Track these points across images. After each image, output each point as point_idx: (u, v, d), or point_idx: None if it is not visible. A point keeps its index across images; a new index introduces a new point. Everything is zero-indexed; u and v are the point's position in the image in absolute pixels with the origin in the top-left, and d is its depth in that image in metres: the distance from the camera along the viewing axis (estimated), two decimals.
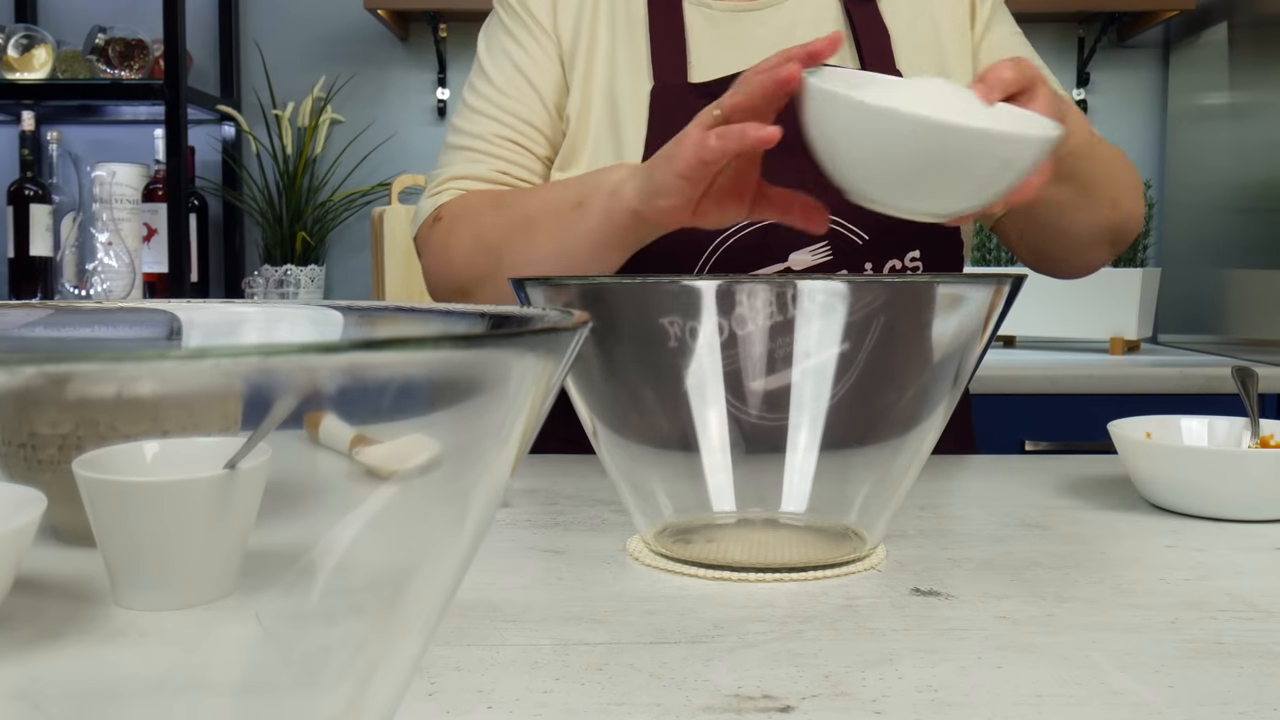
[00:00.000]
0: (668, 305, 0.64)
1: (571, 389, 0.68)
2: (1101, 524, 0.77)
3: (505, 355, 0.28)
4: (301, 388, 0.26)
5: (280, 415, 0.29)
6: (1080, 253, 1.09)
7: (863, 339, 0.66)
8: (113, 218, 2.25)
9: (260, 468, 0.30)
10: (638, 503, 0.69)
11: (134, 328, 0.42)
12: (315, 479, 0.30)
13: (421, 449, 0.31)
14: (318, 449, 0.29)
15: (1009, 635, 0.55)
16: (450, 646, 0.53)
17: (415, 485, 0.30)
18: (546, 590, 0.62)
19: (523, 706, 0.46)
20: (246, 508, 0.31)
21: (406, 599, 0.33)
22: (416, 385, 0.28)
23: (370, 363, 0.26)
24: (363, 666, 0.33)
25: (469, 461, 0.31)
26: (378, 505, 0.31)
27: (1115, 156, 1.04)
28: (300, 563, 0.31)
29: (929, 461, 0.99)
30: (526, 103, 1.07)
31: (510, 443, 0.31)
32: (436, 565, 0.33)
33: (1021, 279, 0.66)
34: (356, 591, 0.32)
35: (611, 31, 1.08)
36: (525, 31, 1.09)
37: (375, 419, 0.28)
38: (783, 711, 0.46)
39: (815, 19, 1.09)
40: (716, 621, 0.57)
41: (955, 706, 0.46)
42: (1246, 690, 0.48)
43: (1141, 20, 2.39)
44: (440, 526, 0.32)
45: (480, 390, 0.29)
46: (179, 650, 0.32)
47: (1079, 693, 0.48)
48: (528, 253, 0.98)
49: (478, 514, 0.32)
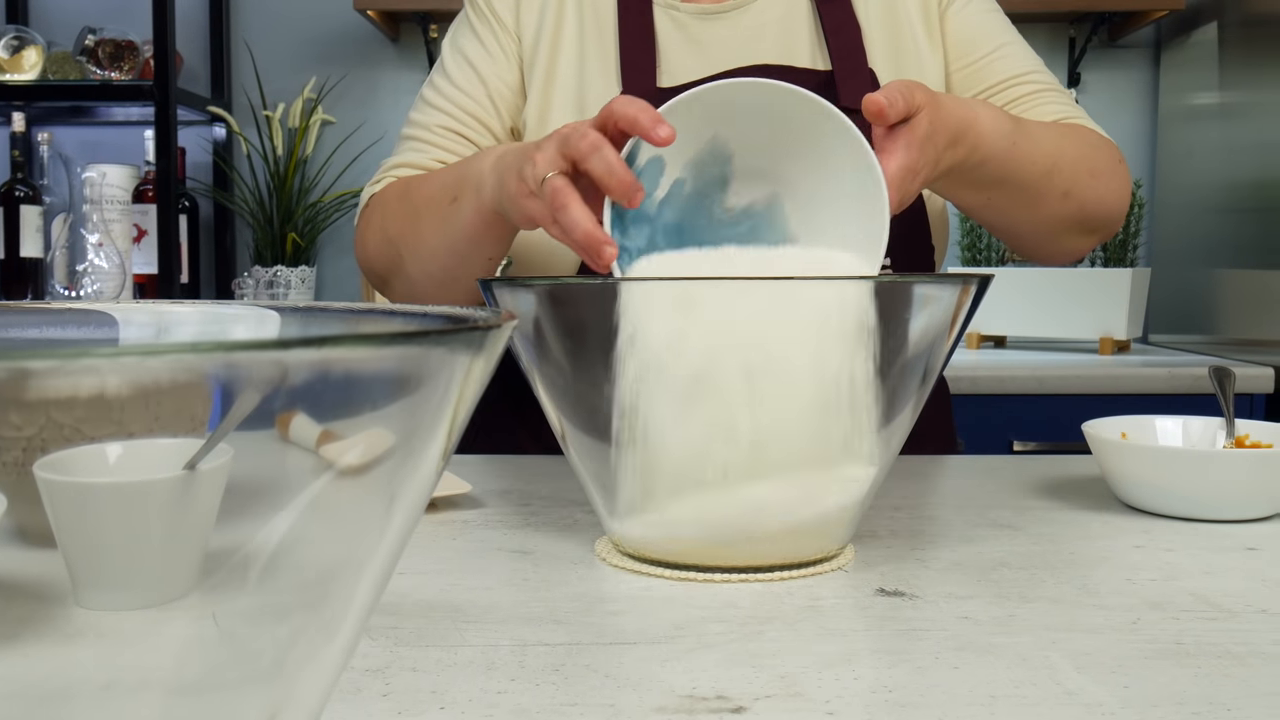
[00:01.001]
0: (635, 304, 0.64)
1: (539, 390, 0.68)
2: (1073, 524, 0.77)
3: (433, 352, 0.29)
4: (263, 384, 0.27)
5: (241, 414, 0.29)
6: (1047, 243, 1.05)
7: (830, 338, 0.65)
8: (103, 219, 2.25)
9: (221, 468, 0.30)
10: (606, 503, 0.69)
11: (83, 328, 0.42)
12: (274, 476, 0.30)
13: (379, 442, 0.31)
14: (279, 447, 0.29)
15: (969, 636, 0.55)
16: (410, 647, 0.53)
17: (364, 479, 0.31)
18: (511, 591, 0.62)
19: (475, 707, 0.46)
20: (206, 508, 0.31)
21: (350, 590, 0.33)
22: (358, 381, 0.28)
23: (307, 359, 0.26)
24: (306, 659, 0.33)
25: (407, 454, 0.31)
26: (333, 500, 0.31)
27: (1062, 147, 0.97)
28: (258, 560, 0.31)
29: (908, 462, 0.99)
30: (476, 96, 1.07)
31: (439, 437, 0.31)
32: (377, 556, 0.33)
33: (988, 279, 0.66)
34: (309, 586, 0.32)
35: (579, 34, 1.07)
36: (486, 28, 1.09)
37: (333, 415, 0.28)
38: (735, 712, 0.46)
39: (783, 19, 1.07)
40: (678, 622, 0.57)
41: (908, 707, 0.46)
42: (1202, 690, 0.48)
43: (1132, 20, 2.39)
44: (384, 517, 0.32)
45: (414, 387, 0.29)
46: (135, 650, 0.32)
47: (1033, 693, 0.48)
48: (419, 248, 0.98)
49: (413, 505, 0.33)
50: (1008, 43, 1.09)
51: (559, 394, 0.67)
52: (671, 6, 1.08)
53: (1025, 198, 0.95)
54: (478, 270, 0.96)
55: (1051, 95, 1.07)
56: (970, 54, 1.08)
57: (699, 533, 0.64)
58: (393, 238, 1.02)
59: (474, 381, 0.31)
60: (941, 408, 1.20)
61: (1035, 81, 1.07)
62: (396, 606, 0.59)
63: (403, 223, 1.00)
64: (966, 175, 0.88)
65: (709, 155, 0.78)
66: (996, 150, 0.88)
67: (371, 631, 0.55)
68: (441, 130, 1.07)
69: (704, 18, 1.07)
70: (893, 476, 0.92)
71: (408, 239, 1.00)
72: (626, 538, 0.67)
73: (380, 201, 1.05)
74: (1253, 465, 0.75)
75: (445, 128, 1.07)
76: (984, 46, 1.08)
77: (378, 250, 1.04)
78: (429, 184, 0.99)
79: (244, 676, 0.33)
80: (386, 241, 1.03)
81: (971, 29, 1.09)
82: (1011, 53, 1.08)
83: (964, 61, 1.08)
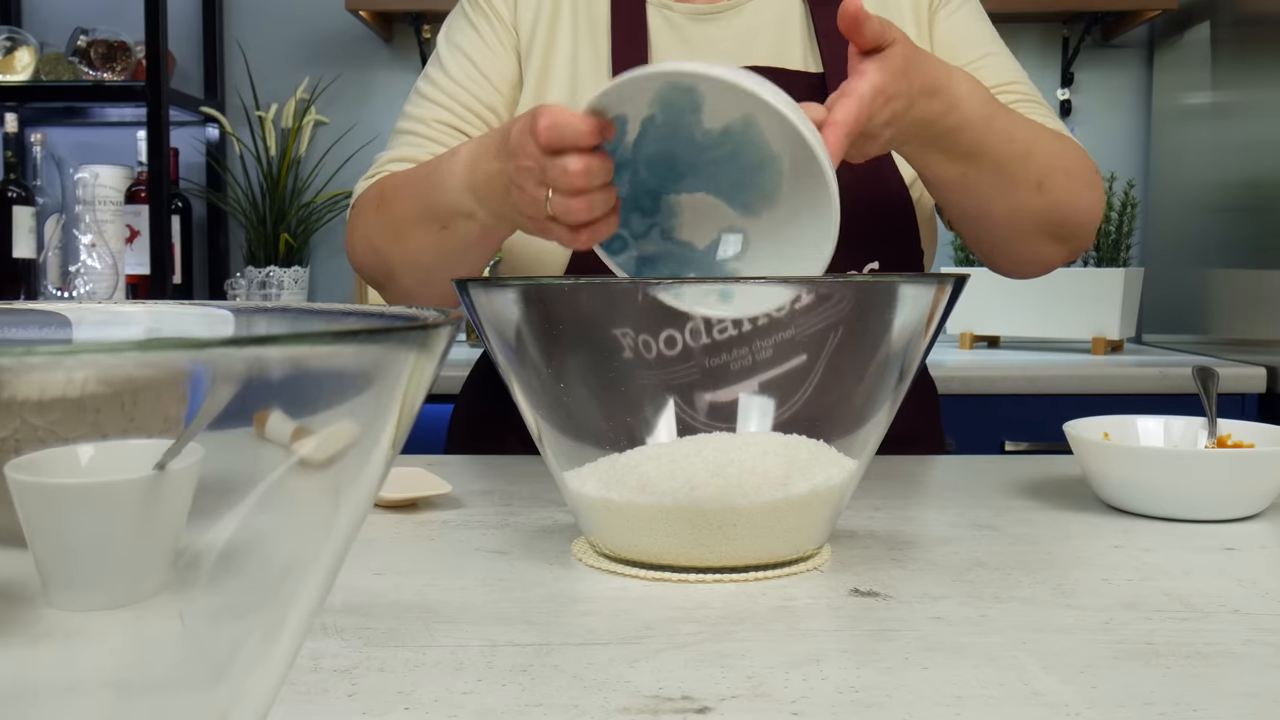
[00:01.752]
0: (611, 305, 0.64)
1: (515, 391, 0.68)
2: (1052, 524, 0.77)
3: (382, 350, 0.29)
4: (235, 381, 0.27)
5: (211, 413, 0.29)
6: (1014, 244, 1.02)
7: (807, 339, 0.65)
8: (96, 219, 2.25)
9: (191, 468, 0.31)
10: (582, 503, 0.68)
11: (43, 329, 0.42)
12: (244, 473, 0.30)
13: (343, 436, 0.32)
14: (250, 444, 0.30)
15: (940, 636, 0.55)
16: (379, 648, 0.53)
17: (326, 473, 0.31)
18: (485, 591, 0.62)
19: (440, 707, 0.46)
20: (176, 508, 0.31)
21: (306, 585, 0.33)
22: (321, 377, 0.29)
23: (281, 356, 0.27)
24: (260, 656, 0.34)
25: (361, 449, 0.32)
26: (297, 495, 0.31)
27: (1038, 137, 0.96)
28: (226, 558, 0.31)
29: (892, 462, 0.99)
30: (472, 89, 1.07)
31: (387, 432, 0.31)
32: (330, 551, 0.33)
33: (964, 278, 0.66)
34: (270, 582, 0.33)
35: (574, 33, 1.08)
36: (484, 20, 1.09)
37: (306, 411, 0.29)
38: (699, 712, 0.45)
39: (776, 21, 1.08)
40: (649, 622, 0.57)
41: (874, 707, 0.46)
42: (1169, 690, 0.48)
43: (1125, 20, 2.39)
44: (339, 511, 0.33)
45: (367, 383, 0.30)
46: (99, 650, 0.32)
47: (999, 693, 0.47)
48: (405, 261, 1.00)
49: (365, 499, 0.33)
50: (993, 52, 1.09)
51: (535, 395, 0.67)
52: (665, 6, 1.08)
53: (1000, 180, 0.93)
54: (475, 268, 0.98)
55: (1034, 107, 1.07)
56: (959, 59, 1.07)
57: (674, 533, 0.64)
58: (379, 250, 1.02)
59: (420, 378, 0.31)
60: (929, 410, 1.20)
61: (1018, 91, 1.07)
62: (369, 607, 0.59)
63: (388, 238, 1.01)
64: (943, 139, 0.87)
65: (672, 90, 0.76)
66: (973, 116, 0.87)
67: (343, 632, 0.55)
68: (438, 125, 1.07)
69: (697, 18, 1.07)
70: (876, 477, 0.92)
71: (394, 253, 1.00)
72: (603, 538, 0.67)
73: (360, 210, 1.05)
74: (1233, 465, 0.75)
75: (440, 121, 1.07)
76: (969, 53, 1.08)
77: (365, 259, 1.05)
78: (405, 197, 0.99)
79: (202, 675, 0.33)
80: (373, 251, 1.03)
81: (958, 35, 1.09)
82: (997, 63, 1.08)
83: (955, 65, 1.08)
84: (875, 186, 1.05)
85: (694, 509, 0.63)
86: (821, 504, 0.66)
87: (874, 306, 0.64)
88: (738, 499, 0.63)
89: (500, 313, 0.65)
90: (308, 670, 0.50)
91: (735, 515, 0.63)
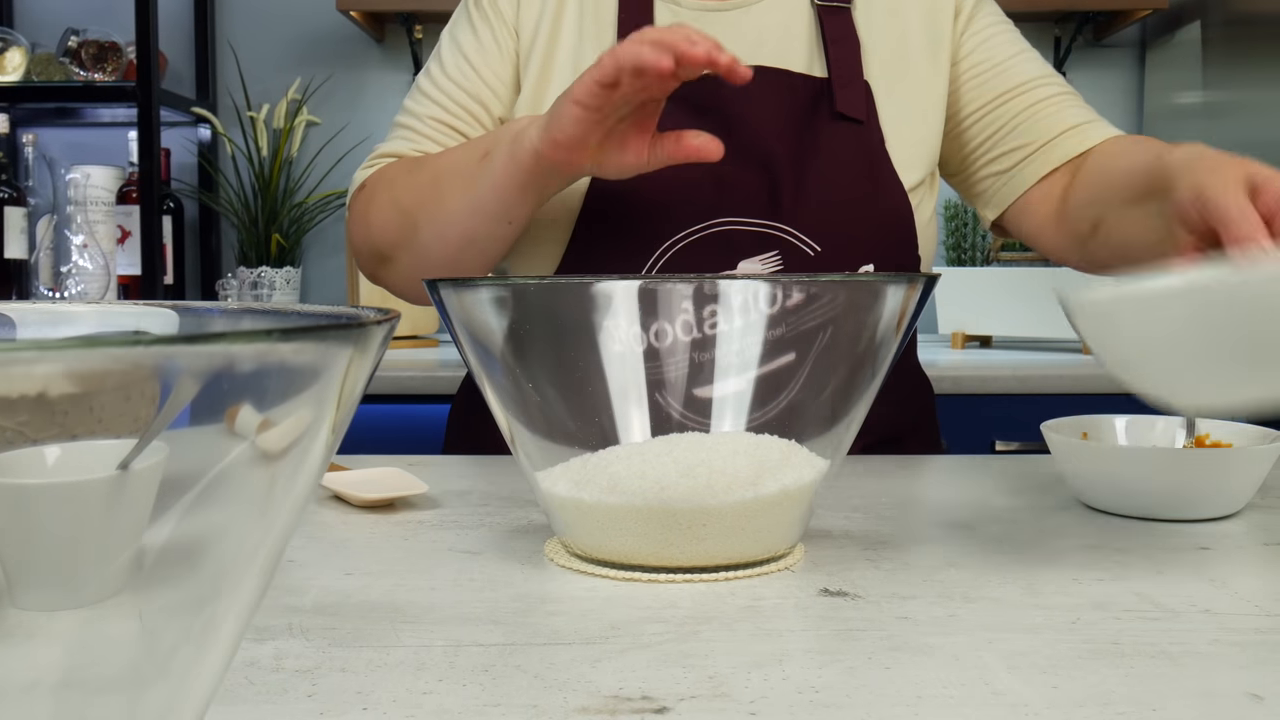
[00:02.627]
0: (581, 305, 0.64)
1: (487, 392, 0.68)
2: (1029, 524, 0.77)
3: (321, 347, 0.30)
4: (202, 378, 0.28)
5: (174, 411, 0.29)
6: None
7: (780, 338, 0.65)
8: (87, 220, 2.25)
9: (154, 467, 0.31)
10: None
11: None
12: (205, 468, 0.31)
13: (297, 426, 0.32)
14: (212, 440, 0.30)
15: (906, 636, 0.54)
16: (343, 648, 0.53)
17: (278, 464, 0.32)
18: (454, 591, 0.62)
19: (398, 708, 0.46)
20: (140, 507, 0.31)
21: (253, 577, 0.34)
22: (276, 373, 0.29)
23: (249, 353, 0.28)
24: (206, 651, 0.34)
25: (308, 438, 0.32)
26: (252, 487, 0.32)
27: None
28: (186, 554, 0.32)
29: (875, 462, 0.99)
30: (469, 89, 1.07)
31: (325, 427, 0.31)
32: (278, 538, 0.34)
33: (935, 278, 0.66)
34: (222, 576, 0.33)
35: (579, 29, 1.07)
36: (484, 21, 1.09)
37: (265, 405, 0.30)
38: (657, 712, 0.45)
39: (784, 24, 1.08)
40: (615, 622, 0.56)
41: (832, 707, 0.46)
42: (1131, 690, 0.48)
43: (1117, 19, 2.39)
44: (288, 499, 0.33)
45: (315, 376, 0.30)
46: (59, 650, 0.32)
47: (960, 694, 0.47)
48: (438, 213, 0.98)
49: (310, 486, 0.33)
50: (1024, 50, 1.12)
51: (506, 395, 0.66)
52: (674, 2, 1.08)
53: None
54: (500, 233, 0.96)
55: (1072, 100, 1.09)
56: (987, 61, 1.10)
57: (644, 533, 0.64)
58: (407, 207, 1.01)
59: (356, 374, 0.31)
60: (922, 409, 1.20)
61: (1056, 84, 1.09)
62: (337, 607, 0.59)
63: (420, 190, 1.00)
64: None
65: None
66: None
67: (308, 632, 0.55)
68: (432, 122, 1.08)
69: (705, 14, 1.08)
70: (858, 476, 0.92)
71: (427, 206, 0.99)
72: (574, 539, 0.67)
73: (384, 178, 1.05)
74: (1209, 465, 0.75)
75: (436, 119, 1.08)
76: (1001, 53, 1.10)
77: (385, 224, 1.03)
78: (452, 151, 1.00)
79: (156, 671, 0.33)
80: (399, 213, 1.01)
81: (990, 41, 1.11)
82: (1029, 59, 1.11)
83: (980, 69, 1.10)
84: (874, 191, 1.04)
85: (663, 509, 0.63)
86: (792, 504, 0.65)
87: (844, 306, 0.64)
88: (707, 499, 0.63)
89: (471, 312, 0.65)
90: (270, 670, 0.50)
91: (705, 515, 0.63)
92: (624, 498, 0.64)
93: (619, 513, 0.64)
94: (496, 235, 0.96)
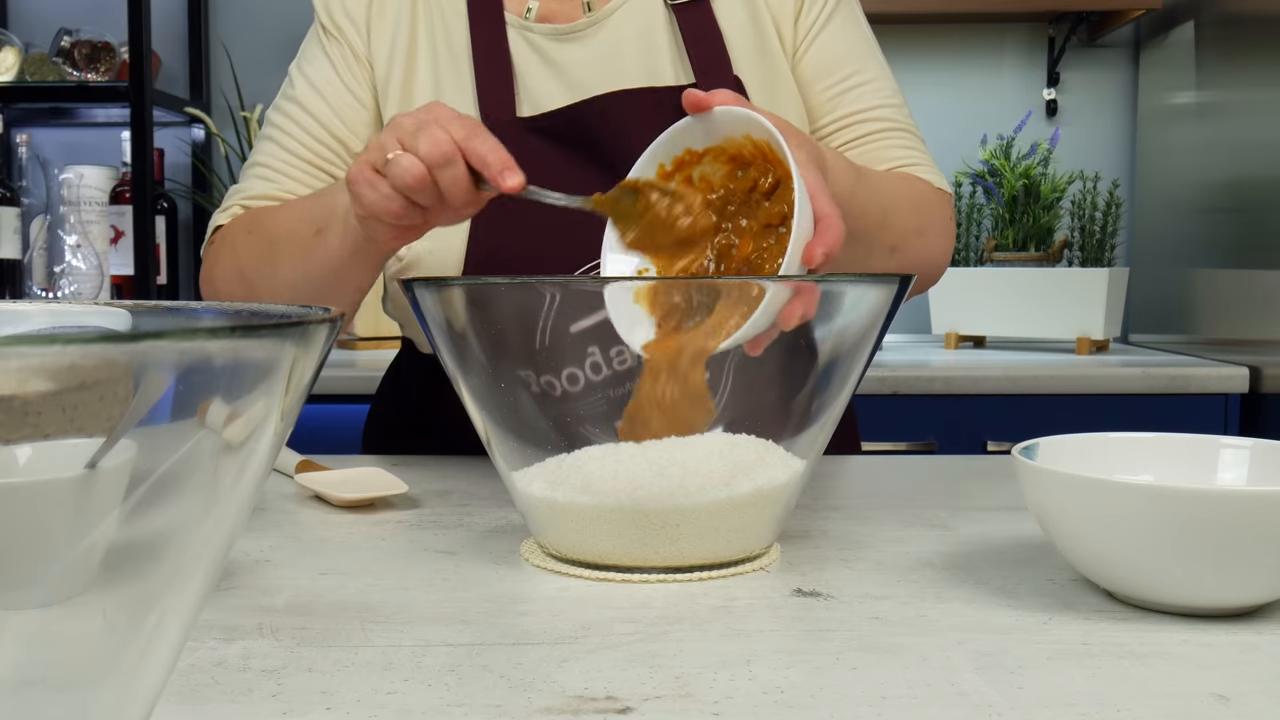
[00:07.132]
0: (549, 305, 0.64)
1: (463, 392, 0.67)
2: (1005, 524, 0.77)
3: (268, 344, 0.30)
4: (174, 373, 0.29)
5: (143, 408, 0.29)
6: None
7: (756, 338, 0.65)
8: (81, 220, 2.25)
9: (122, 466, 0.31)
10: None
11: None
12: (172, 464, 0.31)
13: (255, 417, 0.32)
14: (180, 435, 0.30)
15: (875, 636, 0.54)
16: (312, 648, 0.53)
17: (235, 455, 0.32)
18: (427, 591, 0.62)
19: (361, 708, 0.46)
20: (107, 505, 0.31)
21: (207, 565, 0.34)
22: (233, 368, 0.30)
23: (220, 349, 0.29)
24: (159, 645, 0.34)
25: (263, 429, 0.32)
26: (214, 478, 0.32)
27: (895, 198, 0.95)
28: (150, 550, 0.32)
29: (856, 463, 0.99)
30: (325, 123, 1.02)
31: (272, 422, 0.32)
32: (231, 529, 0.34)
33: (909, 278, 0.66)
34: (179, 570, 0.33)
35: (433, 62, 1.02)
36: (337, 51, 1.03)
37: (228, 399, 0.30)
38: (621, 713, 0.45)
39: (641, 33, 1.02)
40: (585, 623, 0.56)
41: (797, 708, 0.46)
42: (1096, 691, 0.48)
43: (1110, 20, 2.39)
44: (242, 489, 0.33)
45: (261, 374, 0.31)
46: (22, 649, 0.32)
47: (925, 694, 0.47)
48: (274, 283, 0.94)
49: (262, 477, 0.34)
50: (860, 71, 1.04)
51: (481, 396, 0.66)
52: (525, 27, 1.02)
53: (855, 250, 0.89)
54: (343, 299, 0.92)
55: (895, 137, 1.03)
56: (826, 79, 1.04)
57: (618, 533, 0.64)
58: (245, 272, 0.97)
59: (300, 372, 0.31)
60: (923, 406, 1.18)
61: (881, 119, 1.03)
62: (309, 607, 0.59)
63: (257, 255, 0.96)
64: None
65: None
66: (840, 193, 0.82)
67: (278, 632, 0.55)
68: (291, 158, 1.02)
69: (559, 39, 1.01)
70: (838, 477, 0.92)
71: (263, 274, 0.95)
72: (549, 539, 0.67)
73: (228, 236, 1.00)
74: None
75: (295, 155, 1.02)
76: (840, 72, 1.04)
77: (229, 286, 0.99)
78: (284, 216, 0.95)
79: (108, 669, 0.33)
80: (239, 276, 0.98)
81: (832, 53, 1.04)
82: (864, 84, 1.04)
83: (820, 86, 1.04)
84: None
85: (637, 509, 0.63)
86: (767, 504, 0.65)
87: (820, 306, 0.64)
88: (680, 499, 0.63)
89: (445, 313, 0.65)
90: (236, 670, 0.50)
91: (678, 515, 0.63)
92: (597, 498, 0.64)
93: (593, 513, 0.64)
94: (344, 301, 0.93)
